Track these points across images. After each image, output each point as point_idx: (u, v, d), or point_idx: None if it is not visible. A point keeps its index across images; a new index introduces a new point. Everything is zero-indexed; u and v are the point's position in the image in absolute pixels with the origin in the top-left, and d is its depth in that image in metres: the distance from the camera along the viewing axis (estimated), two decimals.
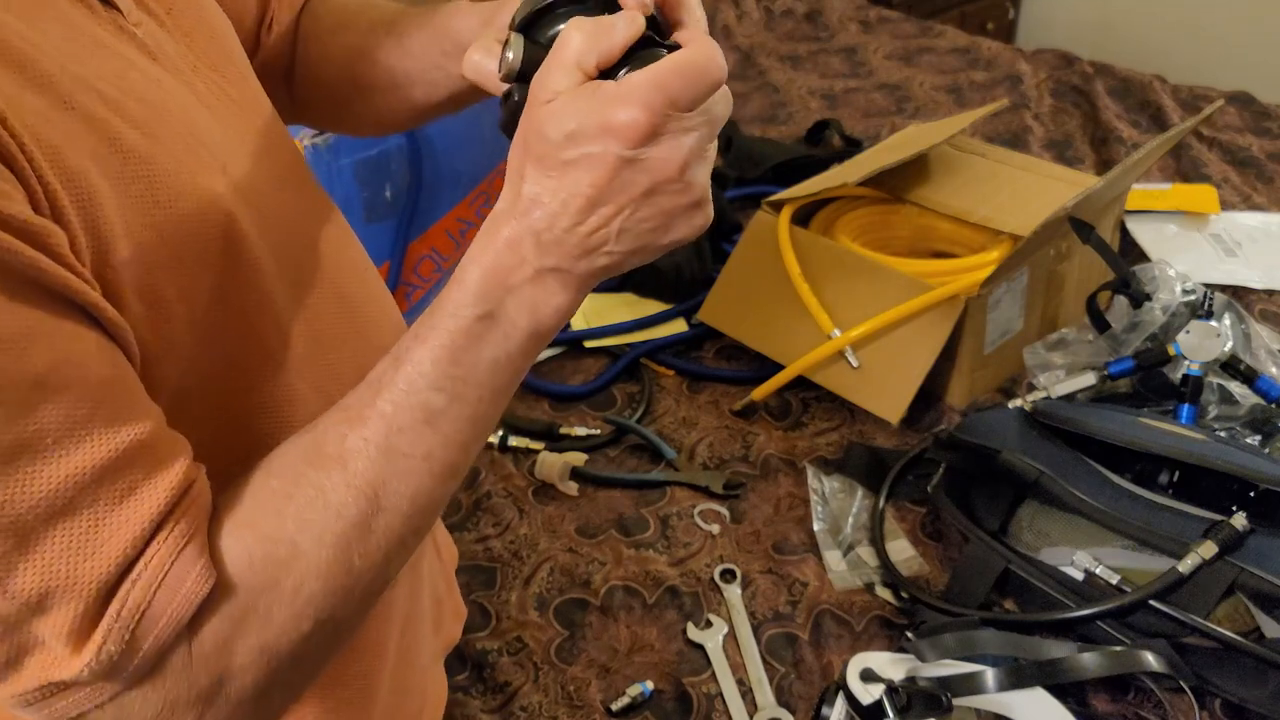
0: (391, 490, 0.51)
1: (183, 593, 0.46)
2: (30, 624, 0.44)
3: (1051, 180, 1.30)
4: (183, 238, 0.51)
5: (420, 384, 0.51)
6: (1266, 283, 1.38)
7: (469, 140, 1.27)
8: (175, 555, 0.46)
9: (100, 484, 0.44)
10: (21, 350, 0.42)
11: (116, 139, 0.48)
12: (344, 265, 0.67)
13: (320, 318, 0.62)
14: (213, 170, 0.54)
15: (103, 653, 0.44)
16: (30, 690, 0.45)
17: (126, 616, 0.45)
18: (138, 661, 0.46)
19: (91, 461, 0.44)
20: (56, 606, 0.44)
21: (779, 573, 1.01)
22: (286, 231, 0.61)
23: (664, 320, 1.34)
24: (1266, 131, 1.76)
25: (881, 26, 2.24)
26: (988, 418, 1.05)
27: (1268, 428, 1.07)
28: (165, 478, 0.47)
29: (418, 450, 0.51)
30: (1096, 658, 0.83)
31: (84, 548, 0.44)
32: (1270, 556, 0.84)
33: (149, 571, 0.45)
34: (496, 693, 0.91)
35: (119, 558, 0.45)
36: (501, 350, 0.52)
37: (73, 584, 0.44)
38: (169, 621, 0.46)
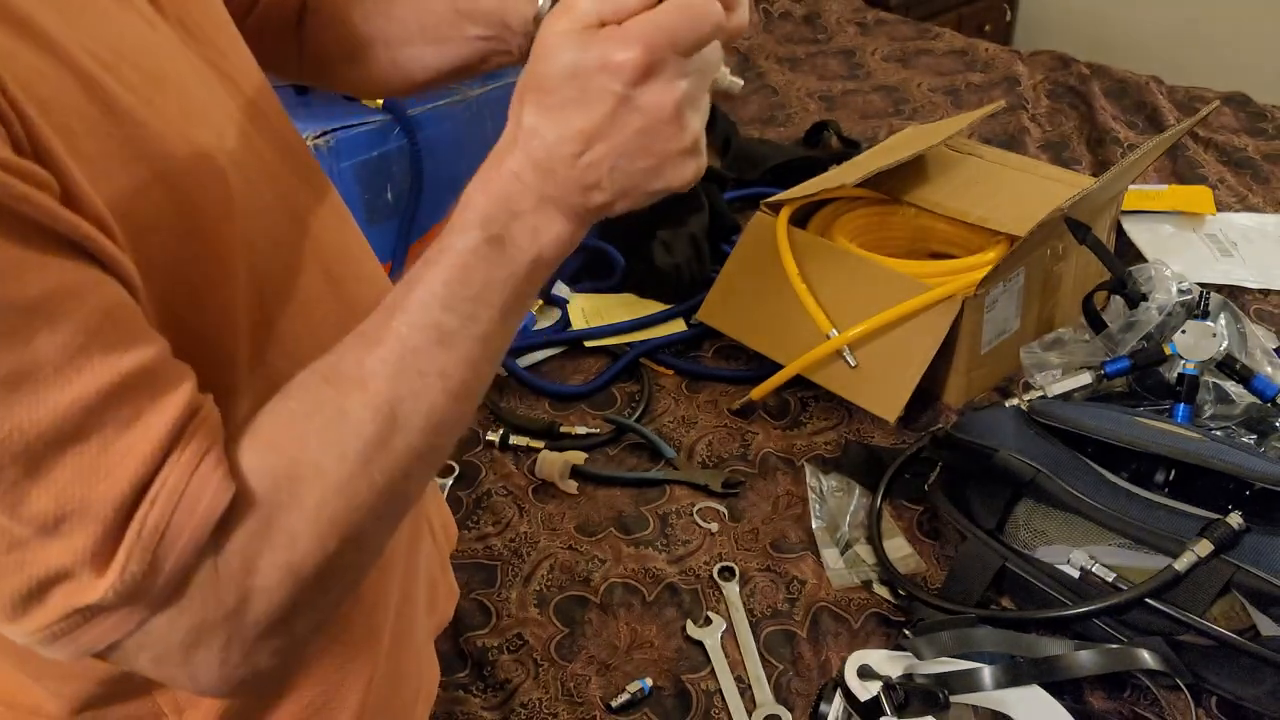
0: (408, 408, 0.52)
1: (202, 508, 0.46)
2: (50, 550, 0.44)
3: (1048, 181, 1.31)
4: (173, 202, 0.51)
5: (433, 305, 0.52)
6: (1262, 282, 1.39)
7: (470, 142, 1.28)
8: (191, 471, 0.46)
9: (106, 408, 0.44)
10: (12, 278, 0.42)
11: (111, 101, 0.48)
12: (334, 244, 0.68)
13: (307, 295, 0.63)
14: (208, 138, 0.55)
15: (126, 573, 0.45)
16: (56, 621, 0.45)
17: (147, 535, 0.45)
18: (162, 582, 0.46)
19: (95, 387, 0.44)
20: (74, 530, 0.44)
21: (777, 570, 1.01)
22: (277, 206, 0.61)
23: (663, 320, 1.35)
24: (1262, 132, 1.77)
25: (879, 28, 2.25)
26: (984, 417, 1.05)
27: (1263, 426, 1.07)
28: (172, 400, 0.47)
29: (432, 369, 0.52)
30: (1093, 655, 0.83)
31: (95, 470, 0.44)
32: (1266, 555, 0.85)
33: (166, 489, 0.46)
34: (497, 690, 0.92)
35: (132, 478, 0.45)
36: (508, 272, 0.53)
37: (88, 506, 0.44)
38: (190, 537, 0.46)
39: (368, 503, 0.51)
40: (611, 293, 1.40)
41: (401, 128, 1.21)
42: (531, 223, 0.53)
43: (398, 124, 1.20)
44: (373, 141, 1.19)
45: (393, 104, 1.20)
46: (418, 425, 0.52)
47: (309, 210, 0.66)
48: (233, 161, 0.56)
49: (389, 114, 1.20)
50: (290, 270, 0.62)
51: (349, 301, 0.66)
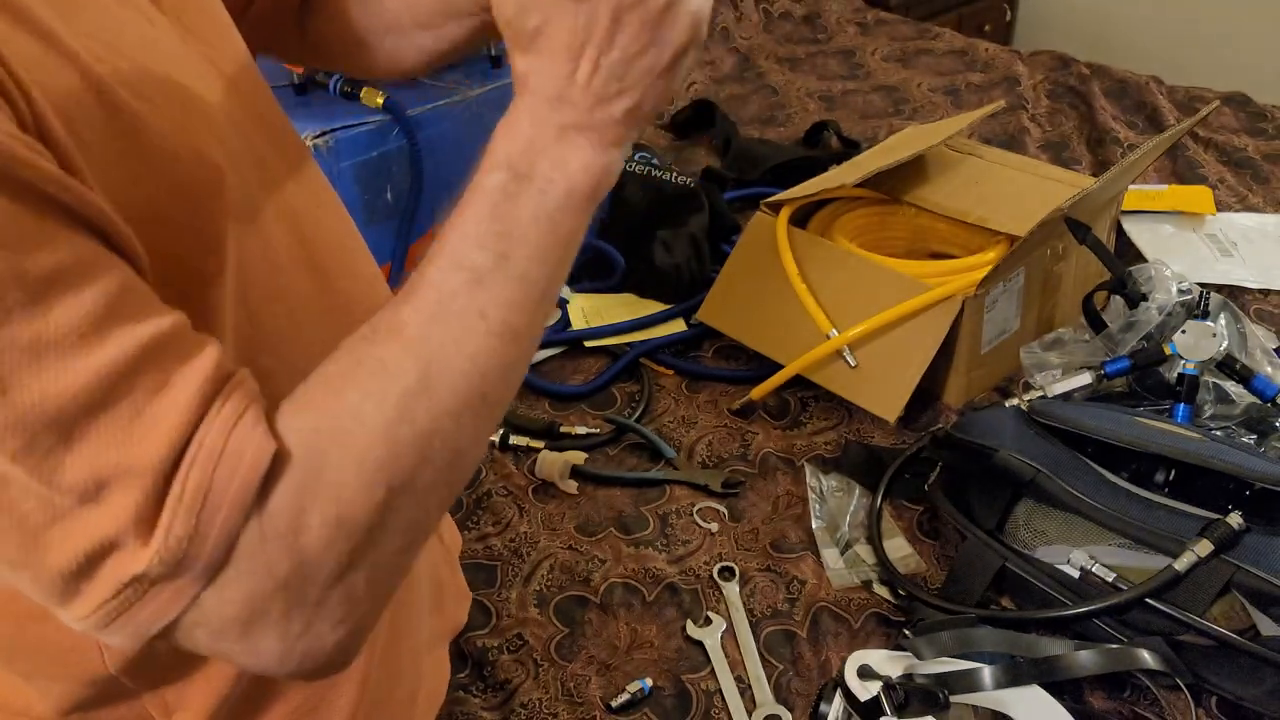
0: (449, 351, 0.50)
1: (244, 466, 0.45)
2: (92, 519, 0.43)
3: (1048, 181, 1.31)
4: (168, 197, 0.51)
5: (465, 246, 0.52)
6: (1262, 282, 1.39)
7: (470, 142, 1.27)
8: (229, 430, 0.45)
9: (133, 374, 0.44)
10: (28, 250, 0.42)
11: (109, 94, 0.48)
12: (328, 242, 0.67)
13: (294, 294, 0.62)
14: (206, 137, 0.55)
15: (171, 537, 0.44)
16: (109, 598, 0.44)
17: (190, 498, 0.44)
18: (210, 546, 0.45)
19: (120, 353, 0.43)
20: (115, 496, 0.43)
21: (777, 570, 1.01)
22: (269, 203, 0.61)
23: (663, 320, 1.35)
24: (1262, 132, 1.77)
25: (879, 28, 2.25)
26: (984, 417, 1.05)
27: (1263, 426, 1.07)
28: (200, 363, 0.46)
29: (471, 309, 0.51)
30: (1093, 655, 0.83)
31: (130, 435, 0.43)
32: (1266, 555, 0.85)
33: (205, 450, 0.45)
34: (497, 690, 0.92)
35: (169, 440, 0.44)
36: (539, 207, 0.52)
37: (127, 471, 0.43)
38: (235, 498, 0.45)
39: (414, 448, 0.49)
40: (611, 293, 1.40)
41: (401, 128, 1.21)
42: (556, 155, 0.53)
43: (397, 124, 1.20)
44: (372, 141, 1.19)
45: (393, 104, 1.20)
46: (460, 367, 0.51)
47: (303, 208, 0.65)
48: (228, 159, 0.56)
49: (389, 114, 1.20)
50: (279, 269, 0.61)
51: (341, 300, 0.66)
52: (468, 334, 0.51)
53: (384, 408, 0.49)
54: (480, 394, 0.52)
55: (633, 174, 1.48)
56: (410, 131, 1.21)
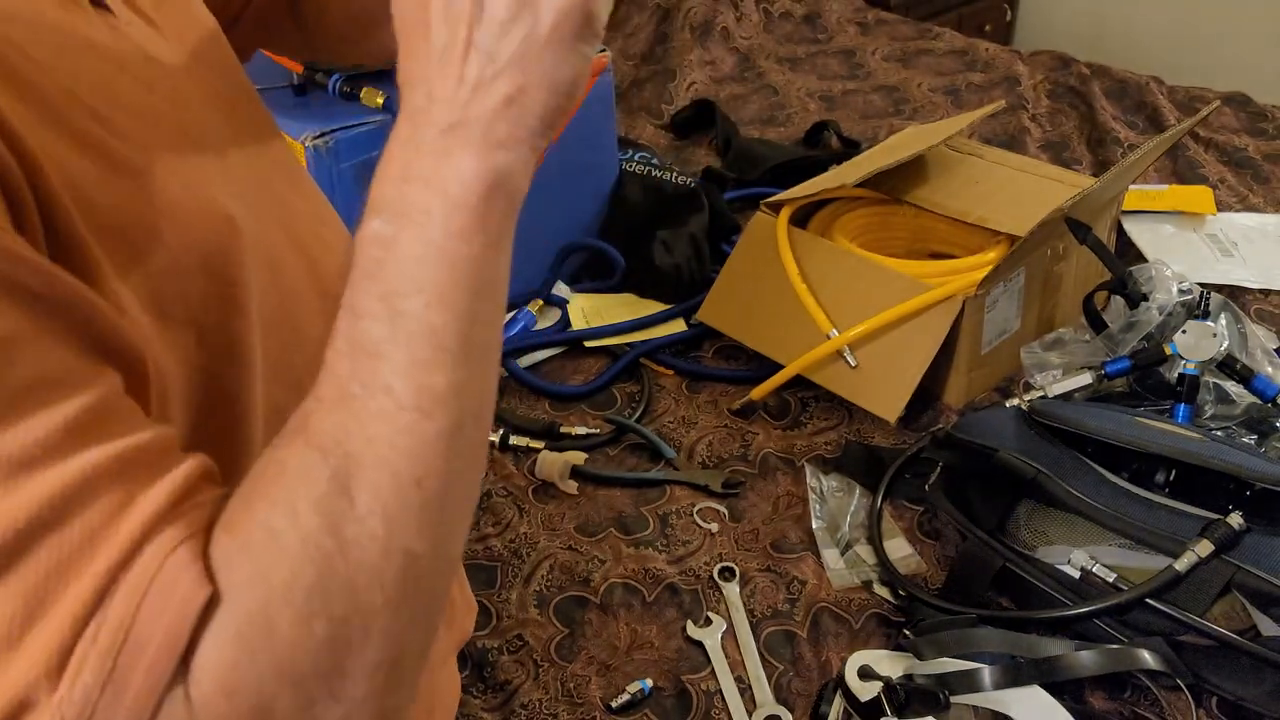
0: (360, 440, 0.42)
1: (174, 604, 0.38)
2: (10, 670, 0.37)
3: (1048, 181, 1.31)
4: (183, 246, 0.49)
5: (355, 319, 0.44)
6: (1262, 283, 1.39)
7: None
8: (163, 560, 0.38)
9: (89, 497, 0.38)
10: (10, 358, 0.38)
11: (109, 154, 0.47)
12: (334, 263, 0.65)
13: (303, 320, 0.61)
14: (211, 175, 0.53)
15: (77, 686, 0.36)
16: None
17: (106, 640, 0.37)
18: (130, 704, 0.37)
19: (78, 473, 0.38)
20: (36, 639, 0.37)
21: (777, 571, 1.01)
22: (279, 233, 0.60)
23: (663, 320, 1.35)
24: (1262, 132, 1.77)
25: (879, 29, 2.25)
26: (985, 417, 1.05)
27: (1264, 427, 1.07)
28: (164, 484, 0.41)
29: (374, 386, 0.43)
30: (1093, 655, 0.83)
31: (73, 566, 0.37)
32: (1266, 555, 0.85)
33: (130, 582, 0.38)
34: (497, 691, 0.92)
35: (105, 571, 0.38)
36: (422, 243, 0.44)
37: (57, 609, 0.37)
38: (161, 645, 0.37)
39: (346, 565, 0.41)
40: (611, 293, 1.40)
41: None
42: (429, 175, 0.44)
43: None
44: (373, 141, 1.19)
45: (393, 104, 1.20)
46: (382, 456, 0.42)
47: (309, 231, 0.64)
48: (240, 199, 0.54)
49: (389, 114, 1.20)
50: (295, 298, 0.59)
51: None
52: (378, 415, 0.43)
53: (298, 521, 0.40)
54: (413, 481, 0.43)
55: (633, 174, 1.48)
56: None
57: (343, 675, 0.41)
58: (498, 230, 0.46)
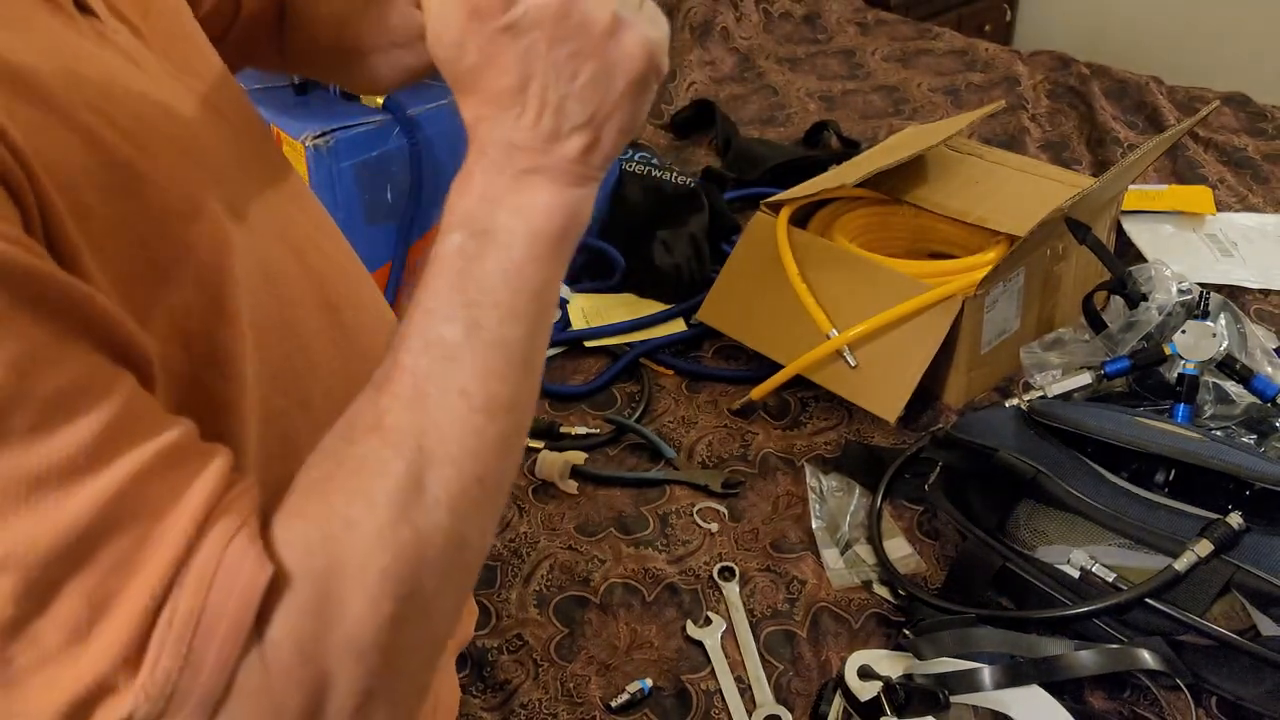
0: (434, 438, 0.46)
1: (240, 587, 0.41)
2: (82, 661, 0.40)
3: (1048, 181, 1.31)
4: (175, 251, 0.49)
5: (432, 322, 0.48)
6: (1262, 283, 1.39)
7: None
8: (222, 550, 0.42)
9: (135, 499, 0.41)
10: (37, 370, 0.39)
11: (109, 152, 0.47)
12: (331, 270, 0.66)
13: (306, 329, 0.61)
14: (205, 181, 0.53)
15: (159, 670, 0.40)
16: None
17: (180, 625, 0.40)
18: (205, 681, 0.41)
19: (121, 479, 0.40)
20: (104, 632, 0.40)
21: (777, 570, 1.01)
22: (276, 241, 0.60)
23: (663, 320, 1.35)
24: (1262, 132, 1.77)
25: (879, 29, 2.25)
26: (984, 417, 1.05)
27: (1263, 427, 1.07)
28: (205, 479, 0.43)
29: (450, 388, 0.47)
30: (1093, 655, 0.83)
31: (131, 563, 0.40)
32: (1266, 555, 0.85)
33: (195, 571, 0.41)
34: (497, 690, 0.92)
35: (164, 564, 0.41)
36: (505, 262, 0.49)
37: (121, 602, 0.40)
38: (231, 624, 0.41)
39: (417, 552, 0.45)
40: (611, 293, 1.40)
41: (401, 128, 1.20)
42: (514, 203, 0.49)
43: (398, 124, 1.20)
44: (372, 141, 1.19)
45: (393, 104, 1.20)
46: (451, 454, 0.47)
47: (305, 237, 0.64)
48: (230, 202, 0.54)
49: (389, 114, 1.20)
50: (290, 304, 0.59)
51: (350, 332, 0.64)
52: (452, 416, 0.47)
53: (375, 511, 0.45)
54: (476, 478, 0.48)
55: (633, 174, 1.48)
56: (411, 131, 1.21)
57: (399, 650, 0.45)
58: (566, 256, 0.51)
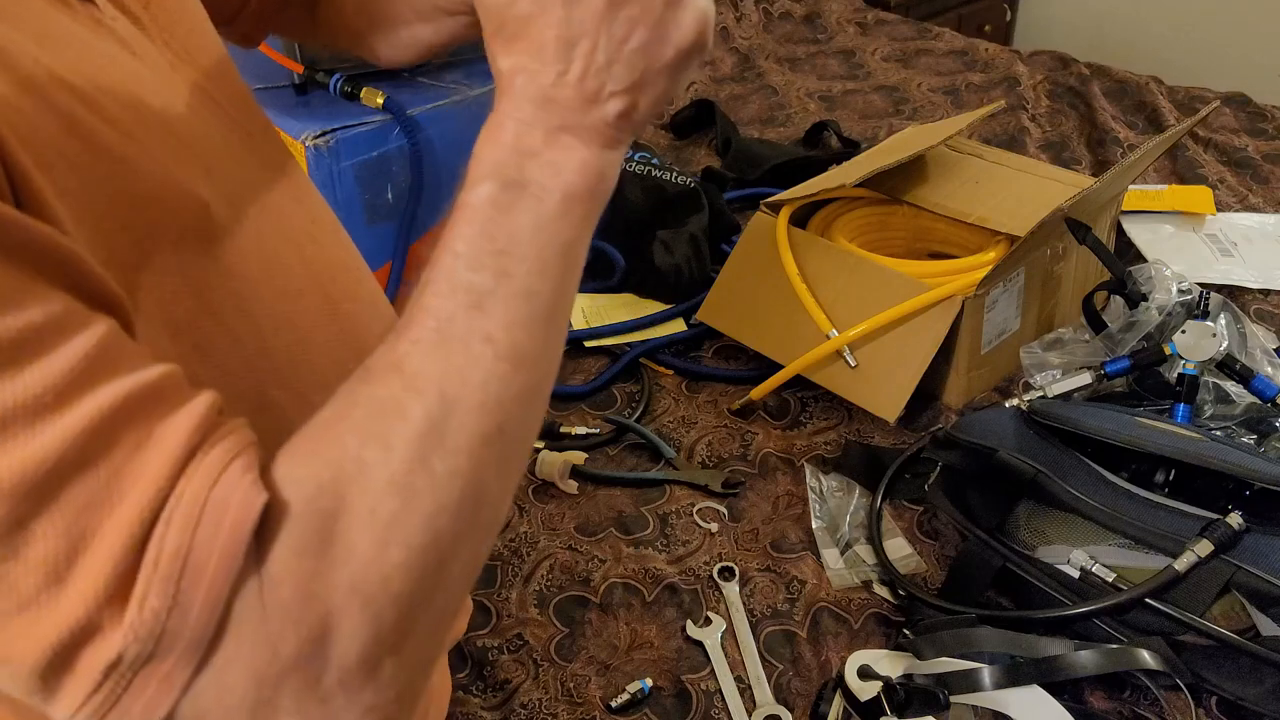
0: (456, 383, 0.45)
1: (229, 520, 0.40)
2: (62, 602, 0.38)
3: (1048, 181, 1.31)
4: (159, 239, 0.48)
5: (459, 268, 0.47)
6: (1262, 283, 1.39)
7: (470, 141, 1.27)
8: (213, 482, 0.40)
9: (113, 432, 0.39)
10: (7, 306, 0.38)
11: (91, 136, 0.46)
12: (330, 263, 0.66)
13: (304, 321, 0.60)
14: (195, 171, 0.53)
15: (146, 609, 0.38)
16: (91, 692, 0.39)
17: (166, 562, 0.39)
18: (195, 620, 0.39)
19: (96, 410, 0.39)
20: (85, 570, 0.38)
21: (777, 570, 1.01)
22: (272, 234, 0.59)
23: (663, 320, 1.35)
24: (1262, 133, 1.77)
25: (879, 29, 2.25)
26: (984, 417, 1.05)
27: (1263, 427, 1.07)
28: (187, 413, 0.41)
29: (474, 335, 0.46)
30: (1093, 655, 0.83)
31: (106, 499, 0.39)
32: (1266, 555, 0.85)
33: (183, 505, 0.39)
34: (497, 690, 0.92)
35: (145, 499, 0.39)
36: (536, 215, 0.48)
37: (99, 540, 0.38)
38: (221, 559, 0.39)
39: (433, 499, 0.44)
40: (611, 293, 1.40)
41: (401, 128, 1.21)
42: (548, 158, 0.48)
43: (398, 124, 1.20)
44: (373, 141, 1.19)
45: (393, 104, 1.20)
46: (474, 400, 0.45)
47: (301, 228, 0.64)
48: (222, 190, 0.54)
49: (389, 114, 1.20)
50: (286, 295, 0.59)
51: (347, 324, 0.64)
52: (474, 362, 0.46)
53: (391, 454, 0.43)
54: (497, 427, 0.46)
55: (633, 174, 1.47)
56: (411, 131, 1.21)
57: (410, 602, 0.43)
58: (594, 218, 0.51)
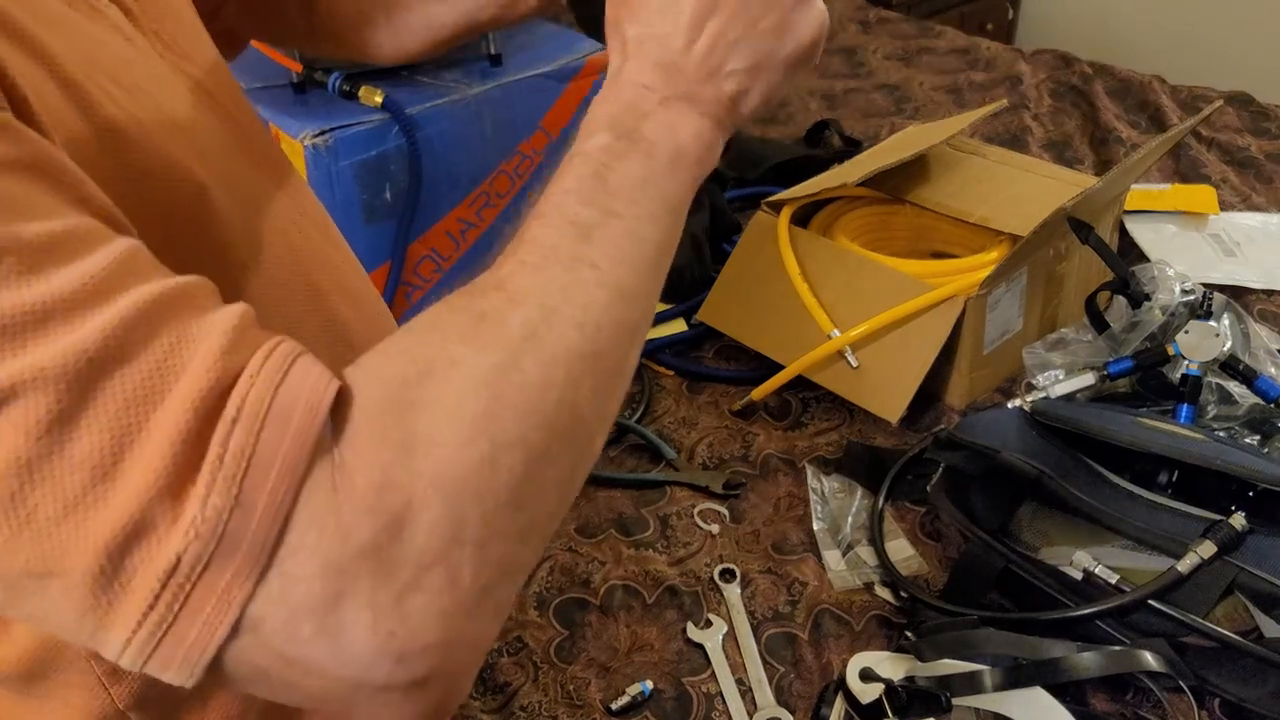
0: (559, 298, 0.45)
1: (297, 417, 0.38)
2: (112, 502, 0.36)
3: (1051, 180, 1.30)
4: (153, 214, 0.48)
5: (569, 202, 0.48)
6: (1265, 283, 1.38)
7: (469, 141, 1.28)
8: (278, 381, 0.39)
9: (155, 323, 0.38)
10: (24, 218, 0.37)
11: (91, 106, 0.46)
12: (317, 257, 0.66)
13: (289, 312, 0.60)
14: (188, 152, 0.53)
15: (209, 506, 0.37)
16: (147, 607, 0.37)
17: (231, 461, 0.37)
18: (260, 519, 0.37)
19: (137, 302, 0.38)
20: (137, 463, 0.36)
21: (778, 572, 1.01)
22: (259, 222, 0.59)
23: (664, 320, 1.34)
24: (1265, 132, 1.76)
25: (881, 27, 2.25)
26: (987, 418, 1.05)
27: (1266, 427, 1.07)
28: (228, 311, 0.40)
29: (581, 259, 0.46)
30: (1096, 657, 0.83)
31: (153, 392, 0.37)
32: (1269, 556, 0.84)
33: (250, 401, 0.38)
34: (496, 692, 0.91)
35: (199, 391, 0.37)
36: (646, 168, 0.50)
37: (148, 436, 0.37)
38: (287, 460, 0.38)
39: (522, 399, 0.42)
40: None
41: (400, 127, 1.20)
42: (663, 119, 0.51)
43: (396, 123, 1.20)
44: (371, 141, 1.19)
45: (392, 103, 1.19)
46: (573, 318, 0.45)
47: (289, 222, 0.64)
48: (214, 177, 0.54)
49: (387, 113, 1.20)
50: (274, 285, 0.59)
51: (333, 317, 0.64)
52: (578, 284, 0.46)
53: (484, 354, 0.42)
54: (594, 350, 0.45)
55: None
56: (409, 130, 1.21)
57: (494, 498, 0.41)
58: (695, 186, 0.52)
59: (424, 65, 1.28)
